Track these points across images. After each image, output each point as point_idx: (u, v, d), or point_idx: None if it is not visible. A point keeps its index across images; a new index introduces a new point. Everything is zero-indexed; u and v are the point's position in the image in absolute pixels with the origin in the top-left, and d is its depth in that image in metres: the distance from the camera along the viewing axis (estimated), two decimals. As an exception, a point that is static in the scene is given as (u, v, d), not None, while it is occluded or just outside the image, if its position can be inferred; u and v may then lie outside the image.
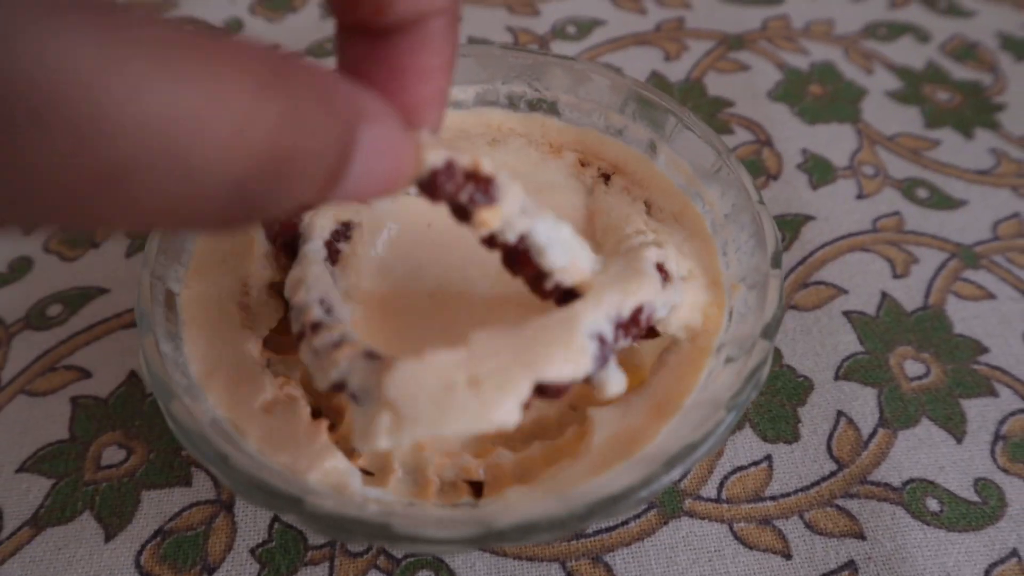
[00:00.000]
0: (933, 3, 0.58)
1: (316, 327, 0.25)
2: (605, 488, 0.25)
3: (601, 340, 0.25)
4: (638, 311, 0.27)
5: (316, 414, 0.30)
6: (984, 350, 0.38)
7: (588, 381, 0.26)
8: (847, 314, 0.39)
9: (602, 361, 0.25)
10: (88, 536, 0.32)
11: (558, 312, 0.26)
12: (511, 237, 0.25)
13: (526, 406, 0.23)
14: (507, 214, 0.24)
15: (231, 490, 0.32)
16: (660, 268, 0.29)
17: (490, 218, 0.23)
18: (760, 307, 0.29)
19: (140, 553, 0.32)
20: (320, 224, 0.31)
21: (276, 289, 0.32)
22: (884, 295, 0.40)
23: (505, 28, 0.54)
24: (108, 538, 0.32)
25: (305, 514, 0.24)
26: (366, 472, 0.29)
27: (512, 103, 0.39)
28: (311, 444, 0.27)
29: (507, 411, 0.22)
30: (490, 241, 0.25)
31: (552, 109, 0.38)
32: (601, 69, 0.37)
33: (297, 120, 0.15)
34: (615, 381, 0.26)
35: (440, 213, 0.33)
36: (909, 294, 0.40)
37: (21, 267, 0.41)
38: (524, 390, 0.23)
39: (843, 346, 0.38)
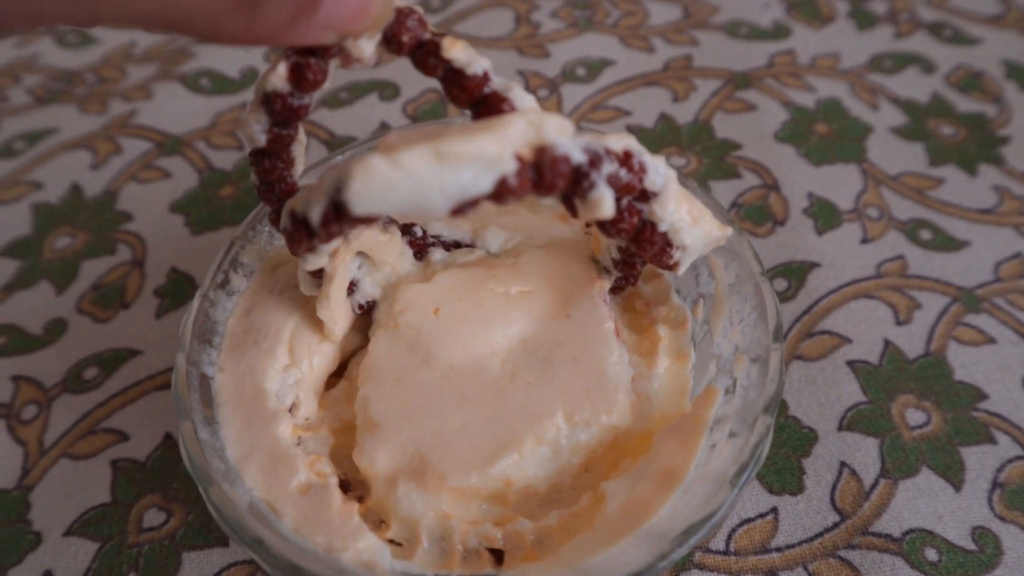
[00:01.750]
0: (938, 31, 0.58)
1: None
2: (622, 568, 0.27)
3: (589, 147, 0.24)
4: (627, 151, 0.26)
5: (344, 486, 0.32)
6: (984, 396, 0.39)
7: (580, 197, 0.25)
8: (851, 364, 0.40)
9: (593, 156, 0.24)
10: (135, 597, 0.34)
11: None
12: (478, 70, 0.26)
13: (521, 175, 0.22)
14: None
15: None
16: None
17: (457, 41, 0.25)
18: (762, 381, 0.31)
19: (183, 614, 0.34)
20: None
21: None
22: (887, 343, 0.41)
23: (516, 72, 0.55)
24: (153, 599, 0.34)
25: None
26: (394, 543, 0.31)
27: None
28: (344, 525, 0.29)
29: (501, 136, 0.22)
30: (459, 82, 0.26)
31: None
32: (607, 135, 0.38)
33: None
34: (608, 200, 0.25)
35: (446, 297, 0.35)
36: (911, 341, 0.41)
37: (56, 329, 0.43)
38: (517, 129, 0.22)
39: (847, 396, 0.39)
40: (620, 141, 0.26)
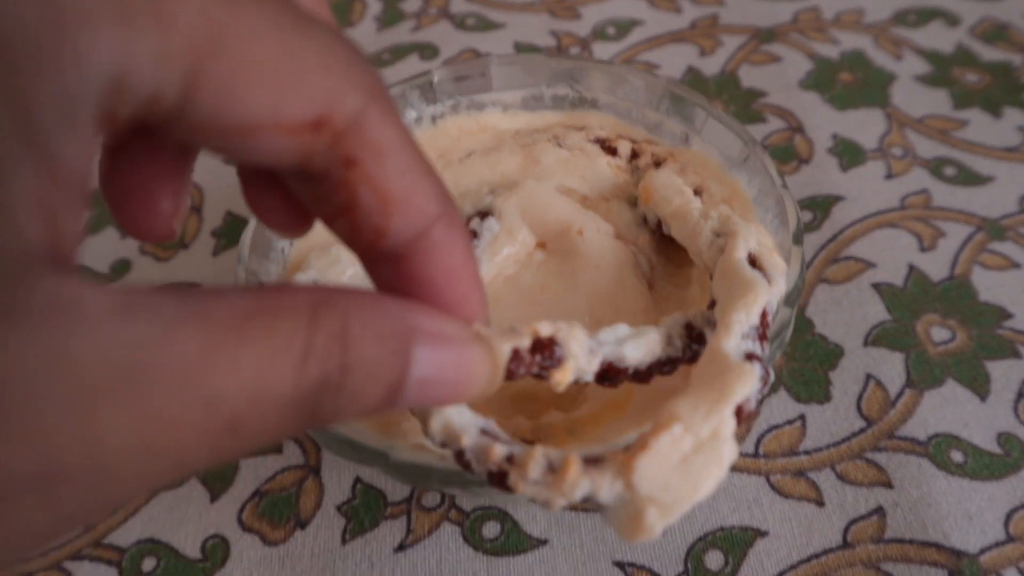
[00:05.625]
0: (962, -13, 0.59)
1: (511, 460, 0.24)
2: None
3: (752, 357, 0.26)
4: (764, 316, 0.28)
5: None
6: (1008, 316, 0.40)
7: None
8: (875, 286, 0.42)
9: (765, 375, 0.26)
10: (196, 497, 0.37)
11: (704, 356, 0.27)
12: (589, 377, 0.26)
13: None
14: (577, 364, 0.25)
15: (326, 450, 0.37)
16: (752, 262, 0.30)
17: (563, 376, 0.25)
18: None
19: (241, 511, 0.36)
20: None
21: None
22: (911, 267, 0.42)
23: (548, 32, 0.58)
24: (213, 499, 0.37)
25: (389, 465, 0.28)
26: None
27: (556, 104, 0.42)
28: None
29: (730, 448, 0.23)
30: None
31: (594, 107, 0.42)
32: (636, 71, 0.41)
33: (346, 346, 0.18)
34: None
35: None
36: (935, 266, 0.43)
37: (121, 268, 0.46)
38: (731, 424, 0.24)
39: (871, 315, 0.41)
40: (756, 309, 0.27)
